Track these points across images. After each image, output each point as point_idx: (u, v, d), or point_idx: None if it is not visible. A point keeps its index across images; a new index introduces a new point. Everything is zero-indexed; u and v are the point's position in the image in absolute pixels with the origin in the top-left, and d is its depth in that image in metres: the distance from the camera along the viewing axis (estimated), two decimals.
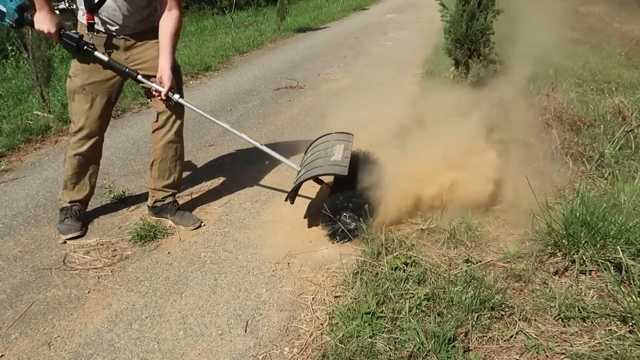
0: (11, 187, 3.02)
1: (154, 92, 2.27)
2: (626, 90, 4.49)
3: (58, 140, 3.83)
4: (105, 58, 2.21)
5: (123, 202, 2.80)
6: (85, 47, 2.17)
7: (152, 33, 2.27)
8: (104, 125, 2.41)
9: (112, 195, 2.83)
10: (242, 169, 3.25)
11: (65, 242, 2.40)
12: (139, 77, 2.26)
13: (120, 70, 2.25)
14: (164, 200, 2.55)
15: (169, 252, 2.33)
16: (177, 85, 2.30)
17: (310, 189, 2.89)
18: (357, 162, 2.42)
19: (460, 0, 3.71)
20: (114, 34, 2.23)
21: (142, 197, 2.85)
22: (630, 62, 6.56)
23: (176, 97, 2.28)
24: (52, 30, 2.14)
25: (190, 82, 5.59)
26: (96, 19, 2.18)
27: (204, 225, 2.56)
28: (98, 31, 2.21)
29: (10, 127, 3.90)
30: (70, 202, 2.48)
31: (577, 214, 1.98)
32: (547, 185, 2.59)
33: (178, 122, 2.40)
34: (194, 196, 2.87)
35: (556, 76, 4.50)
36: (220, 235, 2.47)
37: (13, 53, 6.20)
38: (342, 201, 2.27)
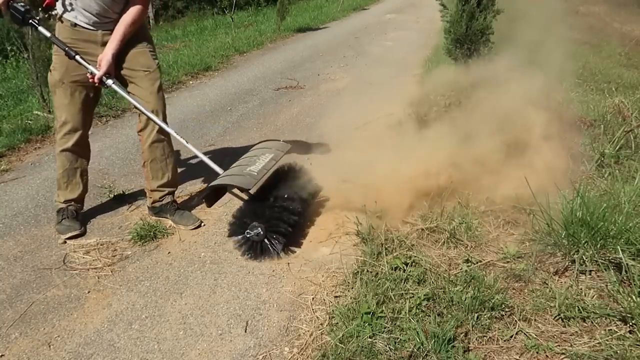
0: (11, 187, 3.02)
1: (88, 76, 2.24)
2: (626, 90, 4.48)
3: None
4: (48, 34, 2.22)
5: (123, 202, 2.80)
6: (30, 21, 2.18)
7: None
8: (86, 120, 2.40)
9: (112, 195, 2.83)
10: None
11: (65, 242, 2.40)
12: (77, 57, 2.21)
13: (61, 47, 2.21)
14: (162, 200, 2.54)
15: (169, 252, 2.33)
16: (148, 81, 2.31)
17: None
18: (286, 173, 2.41)
19: (460, 0, 3.71)
20: (91, 28, 2.24)
21: (142, 197, 2.85)
22: (630, 62, 6.56)
23: (109, 82, 2.25)
24: None
25: (190, 82, 5.59)
26: (75, 12, 2.19)
27: (204, 225, 2.56)
28: (77, 25, 2.22)
29: (10, 127, 3.90)
30: (65, 202, 2.49)
31: (577, 214, 1.98)
32: (547, 185, 2.59)
33: (157, 124, 2.35)
34: (194, 196, 2.86)
35: (556, 76, 4.49)
36: (220, 235, 2.47)
37: (13, 53, 6.19)
38: (250, 213, 2.22)
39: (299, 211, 2.28)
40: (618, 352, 1.50)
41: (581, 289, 1.81)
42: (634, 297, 1.65)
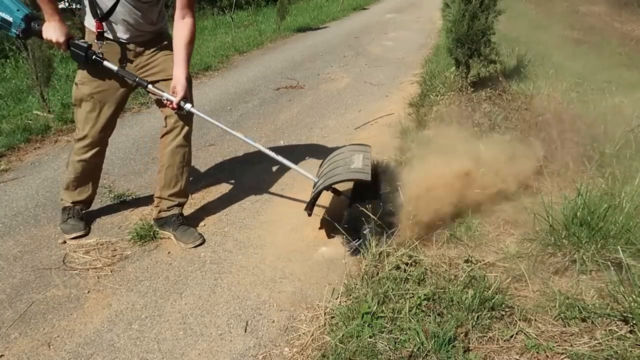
0: (11, 187, 3.02)
1: (165, 101, 2.21)
2: (626, 90, 4.48)
3: (58, 140, 3.83)
4: (115, 68, 2.16)
5: (123, 202, 2.80)
6: (93, 57, 2.12)
7: (159, 39, 2.28)
8: (108, 133, 2.39)
9: (112, 195, 2.83)
10: (242, 169, 3.25)
11: (65, 242, 2.40)
12: (150, 86, 2.20)
13: (130, 79, 2.20)
14: (168, 211, 2.43)
15: (169, 252, 2.33)
16: (189, 93, 2.24)
17: (307, 186, 2.90)
18: (377, 171, 2.34)
19: (462, 0, 3.71)
20: (123, 41, 2.20)
21: (142, 197, 2.85)
22: (630, 62, 6.56)
23: (188, 106, 2.21)
24: (61, 40, 2.09)
25: None
26: (105, 27, 2.14)
27: (205, 243, 2.41)
28: (107, 39, 2.17)
29: (10, 126, 3.90)
30: (72, 203, 2.48)
31: (578, 214, 1.98)
32: (547, 185, 2.59)
33: (187, 127, 2.33)
34: (194, 196, 2.86)
35: (556, 76, 4.50)
36: (220, 235, 2.47)
37: (13, 53, 6.19)
38: (363, 212, 2.12)
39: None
40: (618, 352, 1.50)
41: (581, 289, 1.80)
42: (634, 297, 1.65)
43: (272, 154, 2.36)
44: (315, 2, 13.45)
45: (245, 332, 1.81)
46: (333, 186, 2.22)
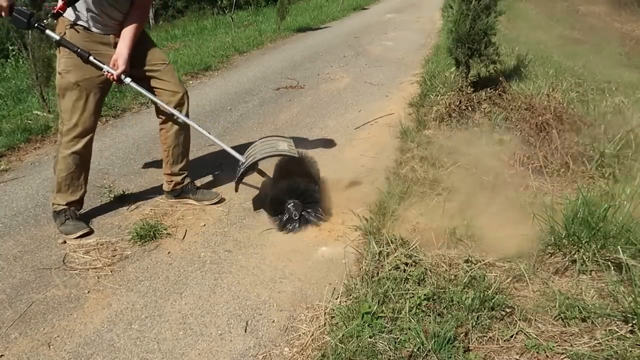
0: (11, 187, 3.02)
1: (105, 74, 2.29)
2: (626, 90, 4.48)
3: (58, 140, 3.83)
4: (57, 36, 2.21)
5: (123, 202, 2.80)
6: (36, 25, 2.18)
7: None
8: (96, 121, 2.43)
9: (112, 195, 2.83)
10: None
11: (65, 242, 2.40)
12: (90, 57, 2.24)
13: (70, 49, 2.22)
14: (183, 182, 2.71)
15: (168, 252, 2.33)
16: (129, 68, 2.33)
17: None
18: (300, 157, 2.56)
19: (463, 1, 3.71)
20: (101, 32, 2.29)
21: (142, 197, 2.85)
22: (630, 62, 6.56)
23: (127, 80, 2.33)
24: (4, 4, 2.11)
25: (190, 82, 5.58)
26: (86, 17, 2.22)
27: (225, 200, 2.75)
28: (85, 28, 2.25)
29: (10, 126, 3.90)
30: (66, 204, 2.47)
31: (578, 214, 1.98)
32: (547, 185, 2.59)
33: (186, 105, 2.52)
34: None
35: (556, 76, 4.50)
36: (220, 235, 2.47)
37: (13, 53, 6.19)
38: (287, 189, 2.39)
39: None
40: (618, 352, 1.50)
41: (581, 289, 1.80)
42: (634, 297, 1.65)
43: (205, 133, 2.52)
44: (315, 2, 13.45)
45: (245, 332, 1.81)
46: (258, 167, 2.47)
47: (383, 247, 2.10)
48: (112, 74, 2.29)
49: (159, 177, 3.00)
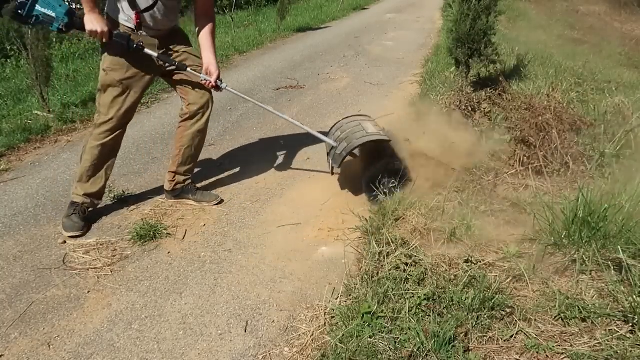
0: (11, 187, 3.02)
1: (202, 82, 2.44)
2: (626, 90, 4.48)
3: (58, 140, 3.83)
4: (155, 54, 2.34)
5: (123, 202, 2.80)
6: (135, 46, 2.27)
7: (174, 33, 2.50)
8: (130, 118, 2.50)
9: (112, 195, 2.83)
10: (242, 169, 3.25)
11: (65, 242, 2.40)
12: (189, 69, 2.41)
13: (170, 63, 2.40)
14: (184, 183, 2.73)
15: (168, 252, 2.33)
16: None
17: (307, 186, 2.90)
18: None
19: (464, 1, 3.71)
20: (147, 35, 2.36)
21: (142, 197, 2.85)
22: (630, 62, 6.56)
23: (224, 85, 2.48)
24: (105, 29, 2.20)
25: None
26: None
27: (224, 201, 2.76)
28: (133, 29, 2.33)
29: (10, 126, 3.90)
30: (83, 196, 2.50)
31: (578, 214, 1.98)
32: (547, 185, 2.59)
33: (209, 111, 2.59)
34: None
35: (556, 76, 4.50)
36: (220, 235, 2.47)
37: (13, 53, 6.19)
38: (381, 168, 2.59)
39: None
40: (618, 352, 1.50)
41: (581, 289, 1.80)
42: (634, 297, 1.65)
43: (297, 123, 2.75)
44: (315, 2, 13.45)
45: (245, 332, 1.81)
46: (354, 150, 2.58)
47: (383, 247, 2.10)
48: (209, 82, 2.42)
49: (159, 177, 3.01)
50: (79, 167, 2.50)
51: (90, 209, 2.55)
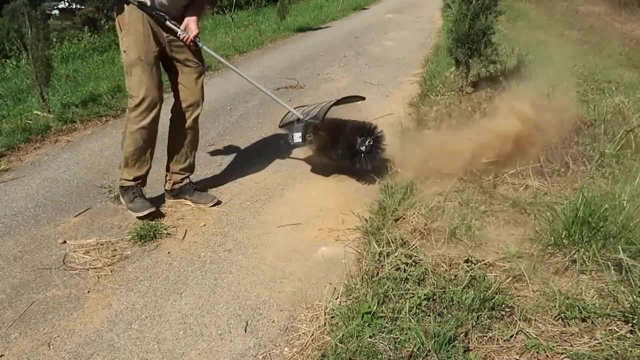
0: (11, 187, 3.02)
1: (180, 37, 2.43)
2: (626, 90, 4.48)
3: (58, 140, 3.83)
4: (176, 28, 2.42)
5: None
6: (154, 14, 2.36)
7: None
8: (161, 95, 2.49)
9: (112, 195, 2.83)
10: (242, 169, 3.25)
11: (64, 242, 2.40)
12: (167, 22, 2.40)
13: (149, 13, 2.39)
14: (181, 182, 2.72)
15: (168, 252, 2.33)
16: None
17: (307, 186, 2.89)
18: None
19: (463, 1, 3.71)
20: (162, 15, 2.40)
21: None
22: (630, 62, 6.56)
23: (200, 43, 2.50)
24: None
25: None
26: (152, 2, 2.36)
27: (222, 203, 2.76)
28: (146, 5, 2.36)
29: (10, 126, 3.90)
30: (133, 180, 2.53)
31: (578, 214, 1.98)
32: (547, 185, 2.59)
33: (198, 110, 2.62)
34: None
35: (556, 76, 4.49)
36: (220, 235, 2.47)
37: (13, 53, 6.20)
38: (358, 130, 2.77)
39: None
40: (618, 352, 1.50)
41: (581, 289, 1.80)
42: (634, 297, 1.65)
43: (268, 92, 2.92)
44: (315, 2, 13.45)
45: (245, 332, 1.81)
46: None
47: (383, 247, 2.10)
48: (187, 36, 2.43)
49: (159, 177, 3.00)
50: (121, 153, 2.53)
51: (143, 187, 2.61)
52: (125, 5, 2.35)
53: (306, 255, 2.27)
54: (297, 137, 2.73)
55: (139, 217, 2.52)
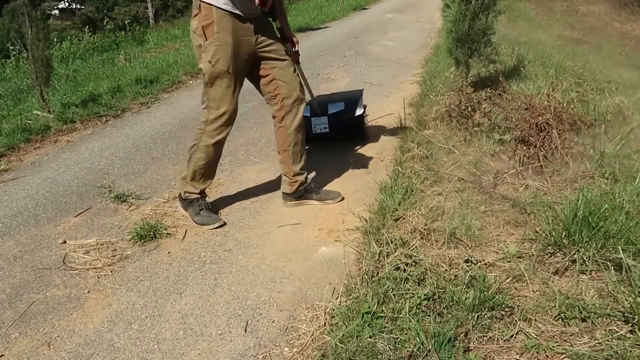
0: (11, 187, 3.02)
1: (289, 53, 2.45)
2: (626, 90, 4.48)
3: (58, 140, 3.83)
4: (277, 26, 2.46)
5: (123, 202, 2.80)
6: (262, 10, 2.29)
7: (265, 23, 2.42)
8: (237, 108, 2.43)
9: (112, 195, 2.83)
10: (242, 169, 3.25)
11: (64, 242, 2.40)
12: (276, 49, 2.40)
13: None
14: (306, 181, 2.65)
15: (168, 252, 2.33)
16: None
17: None
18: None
19: (462, 0, 3.70)
20: (244, 16, 2.29)
21: (142, 197, 2.85)
22: (630, 62, 6.56)
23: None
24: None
25: (190, 82, 5.59)
26: (235, 5, 2.23)
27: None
28: (232, 12, 2.23)
29: (10, 126, 3.90)
30: (199, 193, 2.52)
31: (578, 214, 1.98)
32: (547, 185, 2.59)
33: (303, 103, 2.52)
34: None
35: (556, 76, 4.50)
36: (220, 235, 2.47)
37: (14, 53, 6.20)
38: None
39: None
40: (618, 352, 1.50)
41: (581, 289, 1.80)
42: (634, 297, 1.65)
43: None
44: (315, 2, 13.46)
45: (245, 332, 1.81)
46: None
47: (383, 247, 2.10)
48: (297, 51, 2.49)
49: (159, 177, 3.01)
50: (188, 165, 2.47)
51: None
52: (213, 11, 2.19)
53: (306, 255, 2.28)
54: (322, 127, 3.18)
55: (209, 229, 2.48)
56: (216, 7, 2.20)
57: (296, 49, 2.52)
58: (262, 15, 2.36)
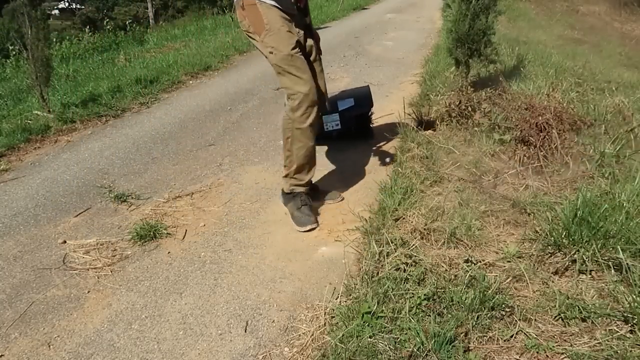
0: (11, 187, 3.02)
1: (317, 50, 2.50)
2: (626, 89, 4.49)
3: (58, 140, 3.83)
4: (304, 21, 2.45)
5: (123, 202, 2.80)
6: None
7: (302, 12, 2.42)
8: (315, 85, 2.37)
9: (112, 195, 2.83)
10: (242, 169, 3.25)
11: (64, 242, 2.40)
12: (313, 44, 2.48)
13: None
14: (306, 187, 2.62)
15: (168, 252, 2.33)
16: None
17: None
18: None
19: (463, 0, 3.70)
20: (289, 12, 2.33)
21: (142, 197, 2.85)
22: (630, 62, 6.56)
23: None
24: None
25: (190, 82, 5.59)
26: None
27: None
28: (274, 6, 2.26)
29: (10, 126, 3.90)
30: (305, 185, 2.47)
31: (578, 214, 1.98)
32: (547, 185, 2.59)
33: (316, 107, 2.40)
34: (194, 196, 2.86)
35: (556, 76, 4.50)
36: (220, 235, 2.47)
37: (14, 53, 6.20)
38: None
39: None
40: (618, 352, 1.50)
41: (581, 289, 1.80)
42: (634, 297, 1.65)
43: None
44: (315, 2, 13.45)
45: (245, 332, 1.81)
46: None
47: (383, 247, 2.10)
48: (320, 50, 2.54)
49: (159, 177, 3.01)
50: (290, 159, 2.41)
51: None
52: (258, 6, 2.22)
53: (306, 255, 2.28)
54: (334, 124, 3.26)
55: (300, 231, 2.43)
56: (260, 1, 2.22)
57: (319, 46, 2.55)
58: (298, 12, 2.38)
